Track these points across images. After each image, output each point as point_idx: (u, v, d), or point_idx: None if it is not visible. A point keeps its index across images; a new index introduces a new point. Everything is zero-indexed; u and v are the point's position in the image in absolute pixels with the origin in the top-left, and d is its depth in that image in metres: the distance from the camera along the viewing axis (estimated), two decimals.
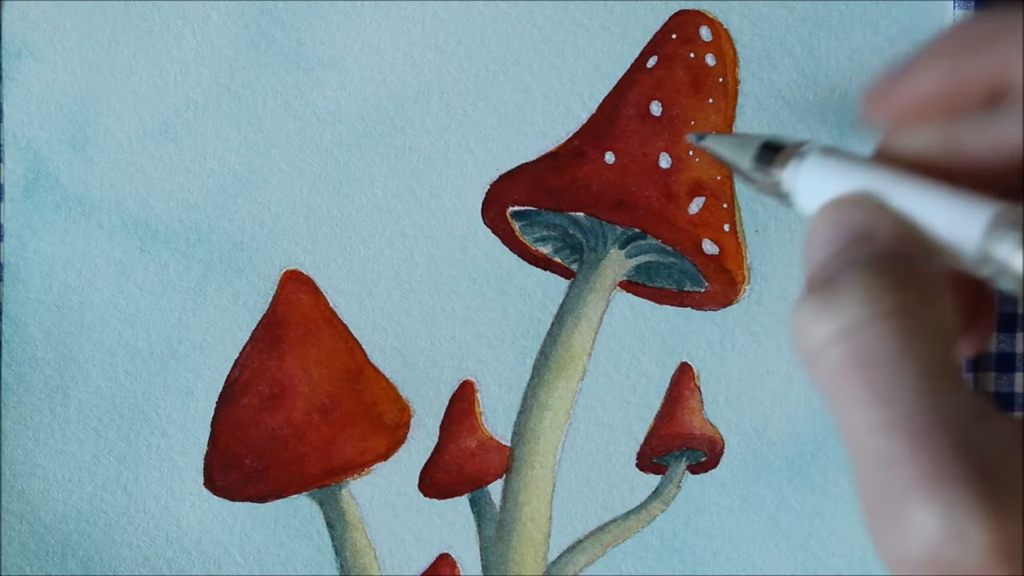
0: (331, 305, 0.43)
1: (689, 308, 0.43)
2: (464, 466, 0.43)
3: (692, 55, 0.42)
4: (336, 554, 0.43)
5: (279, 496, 0.43)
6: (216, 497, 0.43)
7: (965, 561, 0.25)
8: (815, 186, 0.33)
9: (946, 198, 0.31)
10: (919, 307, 0.28)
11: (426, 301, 0.43)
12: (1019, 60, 0.29)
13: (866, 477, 0.27)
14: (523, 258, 0.43)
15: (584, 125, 0.42)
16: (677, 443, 0.43)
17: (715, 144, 0.36)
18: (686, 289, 0.43)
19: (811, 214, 0.33)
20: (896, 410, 0.26)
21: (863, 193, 0.32)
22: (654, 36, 0.42)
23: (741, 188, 0.43)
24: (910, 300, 0.28)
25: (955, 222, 0.30)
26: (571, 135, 0.42)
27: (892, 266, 0.29)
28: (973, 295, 0.33)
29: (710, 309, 0.43)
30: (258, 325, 0.43)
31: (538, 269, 0.43)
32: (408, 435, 0.43)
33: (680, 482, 0.43)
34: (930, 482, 0.26)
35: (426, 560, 0.43)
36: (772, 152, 0.34)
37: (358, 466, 0.43)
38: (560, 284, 0.43)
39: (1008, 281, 0.30)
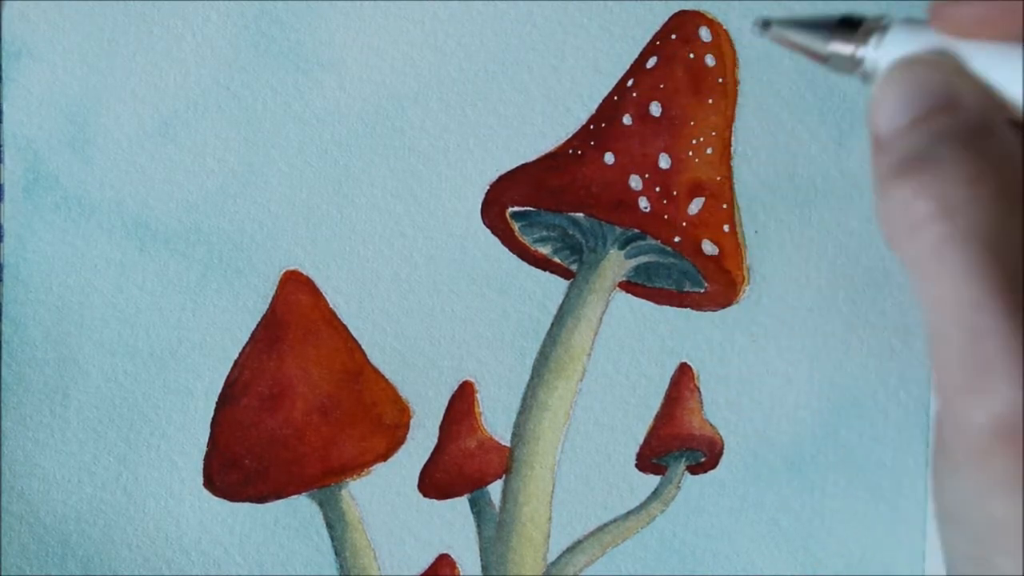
0: (331, 305, 0.43)
1: (689, 309, 0.43)
2: (464, 466, 0.43)
3: (692, 55, 0.42)
4: (336, 554, 0.43)
5: (279, 496, 0.43)
6: (216, 497, 0.43)
7: None
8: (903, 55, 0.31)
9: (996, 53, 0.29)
10: (1013, 184, 0.28)
11: (426, 301, 0.43)
12: None
13: (951, 349, 0.27)
14: (523, 258, 0.43)
15: (584, 125, 0.42)
16: (677, 443, 0.43)
17: (785, 32, 0.34)
18: (686, 290, 0.43)
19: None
20: (990, 287, 0.27)
21: (941, 51, 0.30)
22: (654, 36, 0.42)
23: (741, 188, 0.43)
24: (1009, 178, 0.28)
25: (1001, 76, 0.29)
26: (571, 135, 0.42)
27: (987, 142, 0.28)
28: None
29: (710, 309, 0.43)
30: (258, 325, 0.43)
31: (538, 269, 0.43)
32: (408, 435, 0.43)
33: (680, 482, 0.43)
34: (1018, 360, 0.26)
35: (426, 560, 0.43)
36: (850, 29, 0.33)
37: (358, 466, 0.43)
38: (560, 284, 0.43)
39: None
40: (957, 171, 0.28)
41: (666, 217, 0.42)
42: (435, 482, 0.43)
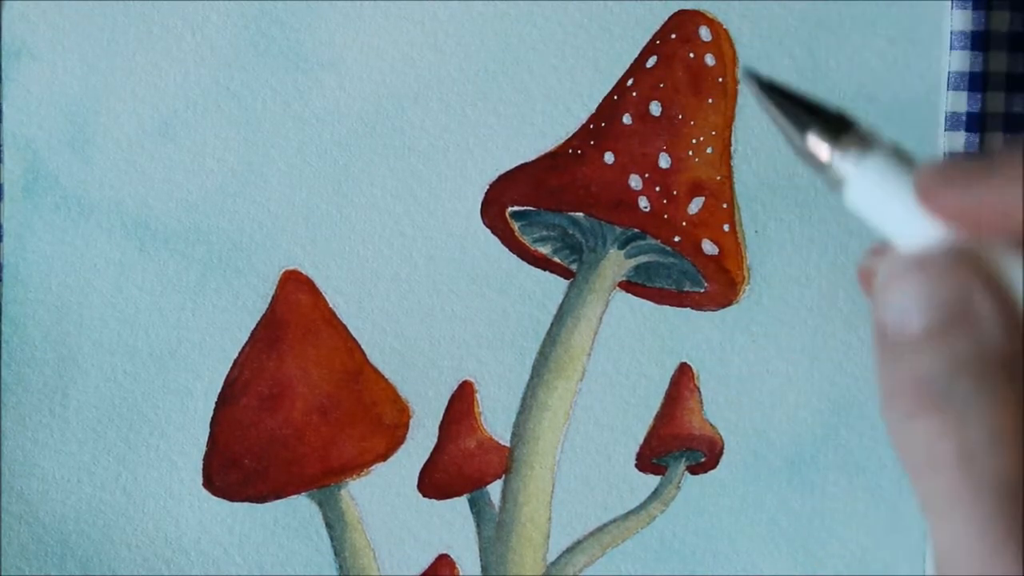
0: (330, 305, 0.43)
1: (689, 308, 0.43)
2: (463, 466, 0.43)
3: (692, 55, 0.42)
4: (335, 554, 0.43)
5: (278, 496, 0.43)
6: (215, 497, 0.43)
7: None
8: (876, 193, 0.29)
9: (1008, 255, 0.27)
10: None
11: (425, 301, 0.43)
12: None
13: (954, 565, 0.27)
14: (522, 258, 0.43)
15: (583, 125, 0.42)
16: (677, 444, 0.43)
17: (765, 100, 0.31)
18: (686, 289, 0.43)
19: (861, 215, 0.29)
20: (1007, 534, 0.26)
21: (959, 253, 0.28)
22: (653, 36, 0.42)
23: (741, 188, 0.43)
24: None
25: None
26: (571, 135, 0.42)
27: (1008, 372, 0.27)
28: None
29: (710, 309, 0.43)
30: (257, 325, 0.43)
31: (537, 269, 0.43)
32: (407, 435, 0.43)
33: (680, 483, 0.43)
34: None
35: (425, 560, 0.43)
36: (836, 127, 0.30)
37: (357, 466, 0.43)
38: (559, 284, 0.43)
39: None
40: (980, 413, 0.27)
41: (666, 217, 0.42)
42: (435, 482, 0.43)
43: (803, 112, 0.30)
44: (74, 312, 0.43)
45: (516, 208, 0.43)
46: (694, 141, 0.42)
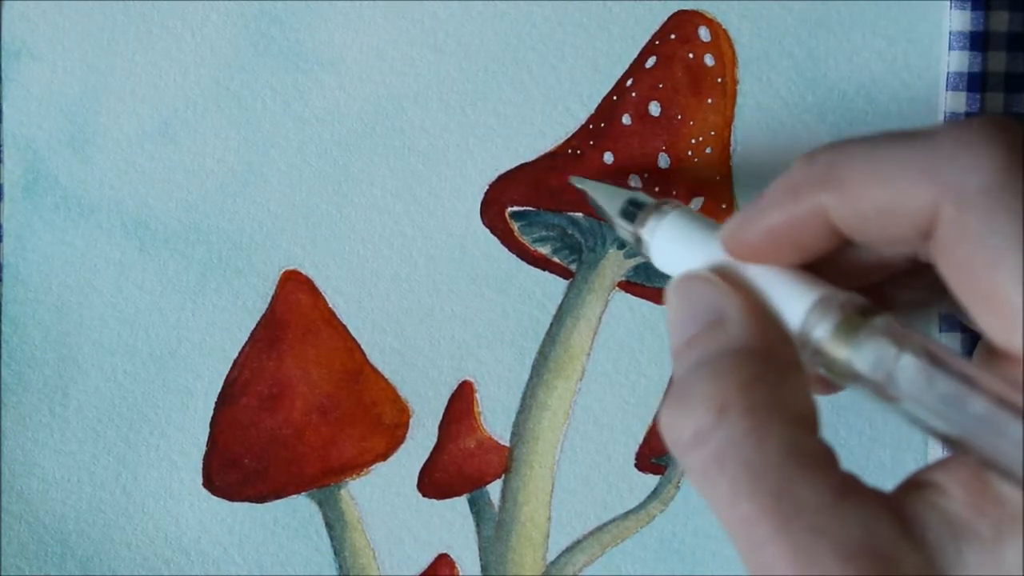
0: (330, 305, 0.43)
1: None
2: (463, 466, 0.43)
3: (691, 55, 0.42)
4: (335, 554, 0.43)
5: (278, 496, 0.43)
6: (215, 497, 0.43)
7: None
8: (669, 248, 0.36)
9: (784, 278, 0.32)
10: (767, 400, 0.30)
11: (425, 301, 0.43)
12: (837, 204, 0.31)
13: (743, 557, 0.29)
14: (522, 258, 0.43)
15: (583, 125, 0.42)
16: None
17: (591, 191, 0.39)
18: None
19: (665, 271, 0.36)
20: (756, 503, 0.29)
21: (716, 266, 0.33)
22: (653, 36, 0.42)
23: (741, 188, 0.43)
24: (757, 397, 0.30)
25: (786, 303, 0.32)
26: (570, 135, 0.42)
27: (739, 364, 0.30)
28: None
29: None
30: (257, 325, 0.43)
31: (537, 269, 0.43)
32: (407, 435, 0.43)
33: (679, 482, 0.43)
34: (794, 564, 0.28)
35: (425, 560, 0.43)
36: (637, 208, 0.37)
37: (357, 466, 0.43)
38: (559, 284, 0.43)
39: (823, 367, 0.31)
40: (705, 397, 0.30)
41: None
42: (434, 482, 0.43)
43: (615, 201, 0.38)
44: (74, 312, 0.43)
45: (516, 208, 0.43)
46: (693, 141, 0.42)
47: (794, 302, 0.32)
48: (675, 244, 0.35)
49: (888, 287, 0.35)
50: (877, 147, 0.30)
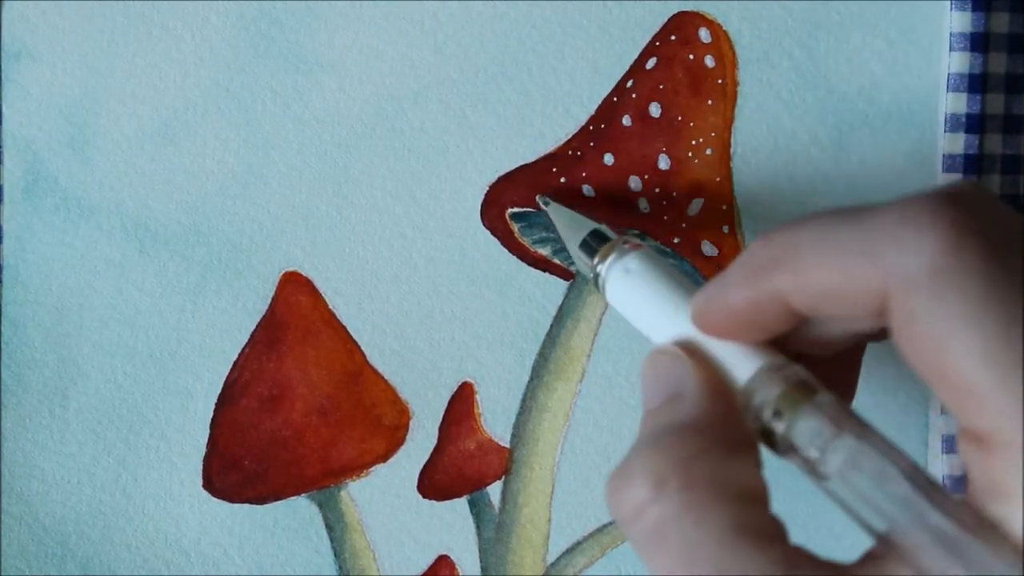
0: (330, 307, 0.43)
1: None
2: (463, 468, 0.43)
3: (691, 56, 0.42)
4: (335, 556, 0.43)
5: (278, 498, 0.43)
6: (215, 499, 0.43)
7: None
8: (620, 286, 0.36)
9: (742, 349, 0.33)
10: (708, 475, 0.30)
11: (425, 303, 0.43)
12: (792, 289, 0.31)
13: None
14: (522, 260, 0.43)
15: (583, 126, 0.42)
16: None
17: (554, 215, 0.40)
18: None
19: (616, 307, 0.37)
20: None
21: (681, 342, 0.34)
22: (653, 37, 0.42)
23: (741, 189, 0.43)
24: (696, 472, 0.30)
25: (738, 374, 0.32)
26: (570, 136, 0.42)
27: (682, 439, 0.31)
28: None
29: None
30: (257, 327, 0.43)
31: (537, 271, 0.43)
32: (407, 437, 0.43)
33: None
34: None
35: (425, 562, 0.43)
36: (599, 240, 0.37)
37: (357, 468, 0.43)
38: (559, 286, 0.43)
39: (760, 437, 0.32)
40: (645, 473, 0.30)
41: (665, 218, 0.42)
42: (434, 483, 0.43)
43: (579, 230, 0.38)
44: (74, 313, 0.43)
45: (516, 209, 0.43)
46: (694, 143, 0.42)
47: (742, 372, 0.32)
48: (631, 293, 0.36)
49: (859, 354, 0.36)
50: (828, 228, 0.30)
